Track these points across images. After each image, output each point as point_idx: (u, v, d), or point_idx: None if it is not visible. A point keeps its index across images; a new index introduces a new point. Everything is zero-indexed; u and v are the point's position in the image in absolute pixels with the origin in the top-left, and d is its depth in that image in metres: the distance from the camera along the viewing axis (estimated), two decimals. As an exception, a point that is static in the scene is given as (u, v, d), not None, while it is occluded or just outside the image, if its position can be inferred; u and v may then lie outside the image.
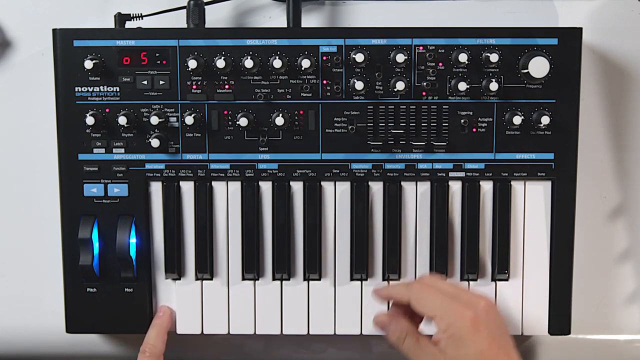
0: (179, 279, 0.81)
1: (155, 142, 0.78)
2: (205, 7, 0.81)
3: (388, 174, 0.80)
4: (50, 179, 0.83)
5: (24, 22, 0.86)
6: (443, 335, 0.67)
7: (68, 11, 0.86)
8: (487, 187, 0.80)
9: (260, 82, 0.78)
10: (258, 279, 0.81)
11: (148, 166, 0.79)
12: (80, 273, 0.79)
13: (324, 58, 0.78)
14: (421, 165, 0.80)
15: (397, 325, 0.72)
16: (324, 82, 0.78)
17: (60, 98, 0.78)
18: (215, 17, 0.85)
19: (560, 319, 0.80)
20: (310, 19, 0.85)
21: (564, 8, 0.85)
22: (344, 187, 0.80)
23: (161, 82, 0.78)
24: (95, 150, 0.79)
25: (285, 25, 0.81)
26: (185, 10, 0.80)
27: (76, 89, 0.78)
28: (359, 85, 0.77)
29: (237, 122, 0.78)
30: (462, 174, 0.80)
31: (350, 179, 0.80)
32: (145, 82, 0.78)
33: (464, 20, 0.84)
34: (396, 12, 0.85)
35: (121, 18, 0.81)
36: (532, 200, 0.80)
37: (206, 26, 0.81)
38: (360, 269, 0.80)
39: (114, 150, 0.79)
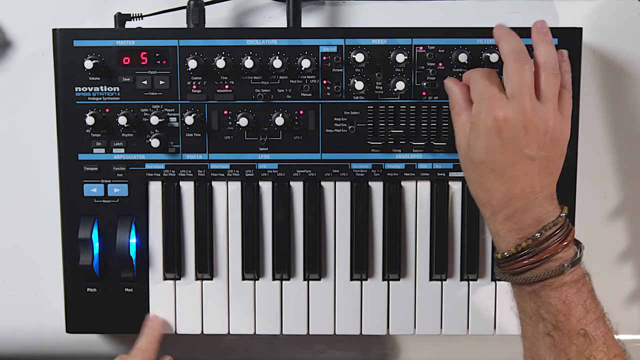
0: (179, 279, 0.81)
1: (155, 142, 0.78)
2: (205, 7, 0.81)
3: (388, 174, 0.80)
4: (50, 179, 0.83)
5: (24, 22, 0.86)
6: (472, 120, 0.67)
7: (68, 11, 0.86)
8: (487, 187, 0.80)
9: (260, 82, 0.78)
10: (258, 279, 0.81)
11: (148, 166, 0.80)
12: (80, 273, 0.79)
13: (324, 58, 0.78)
14: (421, 165, 0.80)
15: (453, 92, 0.72)
16: (324, 82, 0.78)
17: (60, 98, 0.78)
18: (215, 17, 0.85)
19: (560, 319, 0.80)
20: (310, 19, 0.85)
21: (564, 8, 0.85)
22: (344, 187, 0.80)
23: (161, 82, 0.78)
24: (95, 150, 0.79)
25: (285, 25, 0.81)
26: (185, 10, 0.80)
27: (76, 89, 0.78)
28: (359, 85, 0.77)
29: (237, 122, 0.78)
30: (462, 174, 0.80)
31: (350, 179, 0.80)
32: (145, 82, 0.78)
33: (464, 20, 0.84)
34: (396, 12, 0.85)
35: (121, 18, 0.81)
36: (532, 200, 0.80)
37: (206, 26, 0.81)
38: (360, 269, 0.80)
39: (114, 150, 0.79)
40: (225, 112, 0.79)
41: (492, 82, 0.68)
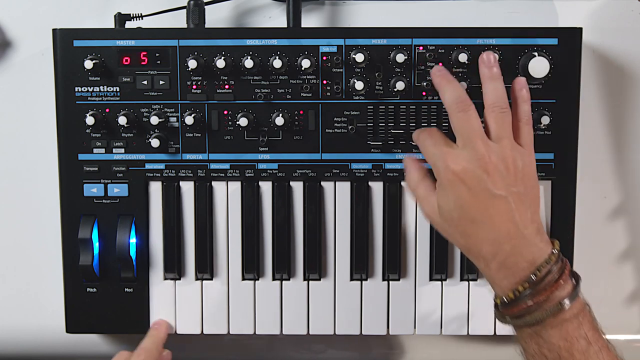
0: (179, 279, 0.81)
1: (155, 142, 0.78)
2: (205, 7, 0.81)
3: (388, 174, 0.80)
4: (50, 179, 0.83)
5: (24, 22, 0.86)
6: (437, 183, 0.69)
7: (68, 11, 0.86)
8: (487, 187, 0.80)
9: (260, 82, 0.78)
10: (258, 279, 0.81)
11: (148, 166, 0.80)
12: (80, 273, 0.79)
13: (324, 58, 0.78)
14: (421, 165, 0.80)
15: (407, 171, 0.74)
16: (324, 82, 0.78)
17: (60, 98, 0.78)
18: (215, 17, 0.85)
19: (560, 319, 0.80)
20: (310, 19, 0.85)
21: (564, 8, 0.85)
22: (344, 187, 0.80)
23: (161, 82, 0.78)
24: (95, 150, 0.79)
25: (285, 25, 0.81)
26: (185, 10, 0.80)
27: (76, 89, 0.78)
28: (359, 85, 0.77)
29: (237, 122, 0.78)
30: (462, 174, 0.80)
31: (350, 179, 0.80)
32: (145, 82, 0.78)
33: (464, 20, 0.84)
34: (396, 12, 0.85)
35: (121, 18, 0.81)
36: (532, 200, 0.80)
37: (206, 26, 0.81)
38: (360, 269, 0.80)
39: (114, 150, 0.79)
40: (225, 112, 0.79)
41: (437, 140, 0.69)
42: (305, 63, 0.76)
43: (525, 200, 0.66)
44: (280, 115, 0.78)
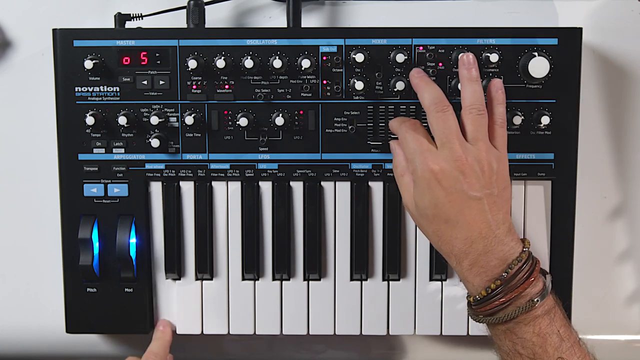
0: (179, 279, 0.81)
1: (155, 142, 0.78)
2: (205, 7, 0.81)
3: (388, 174, 0.80)
4: (50, 179, 0.83)
5: (24, 22, 0.86)
6: (412, 177, 0.70)
7: (68, 11, 0.86)
8: (487, 187, 0.80)
9: (260, 82, 0.78)
10: (258, 279, 0.81)
11: (148, 166, 0.80)
12: (80, 273, 0.79)
13: (324, 58, 0.78)
14: (421, 165, 0.79)
15: (396, 154, 0.74)
16: (324, 82, 0.78)
17: (60, 98, 0.78)
18: (215, 17, 0.85)
19: (560, 319, 0.80)
20: (310, 19, 0.85)
21: (564, 8, 0.85)
22: (344, 187, 0.80)
23: (161, 82, 0.78)
24: (95, 150, 0.79)
25: (285, 25, 0.81)
26: (185, 10, 0.80)
27: (76, 89, 0.78)
28: (359, 85, 0.77)
29: (237, 122, 0.78)
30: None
31: (350, 179, 0.80)
32: (145, 82, 0.78)
33: (464, 20, 0.84)
34: (396, 12, 0.85)
35: (121, 18, 0.81)
36: (532, 200, 0.80)
37: (206, 26, 0.81)
38: (360, 269, 0.80)
39: (114, 150, 0.79)
40: (225, 112, 0.79)
41: (418, 136, 0.70)
42: (305, 63, 0.76)
43: (498, 202, 0.68)
44: (280, 115, 0.78)
